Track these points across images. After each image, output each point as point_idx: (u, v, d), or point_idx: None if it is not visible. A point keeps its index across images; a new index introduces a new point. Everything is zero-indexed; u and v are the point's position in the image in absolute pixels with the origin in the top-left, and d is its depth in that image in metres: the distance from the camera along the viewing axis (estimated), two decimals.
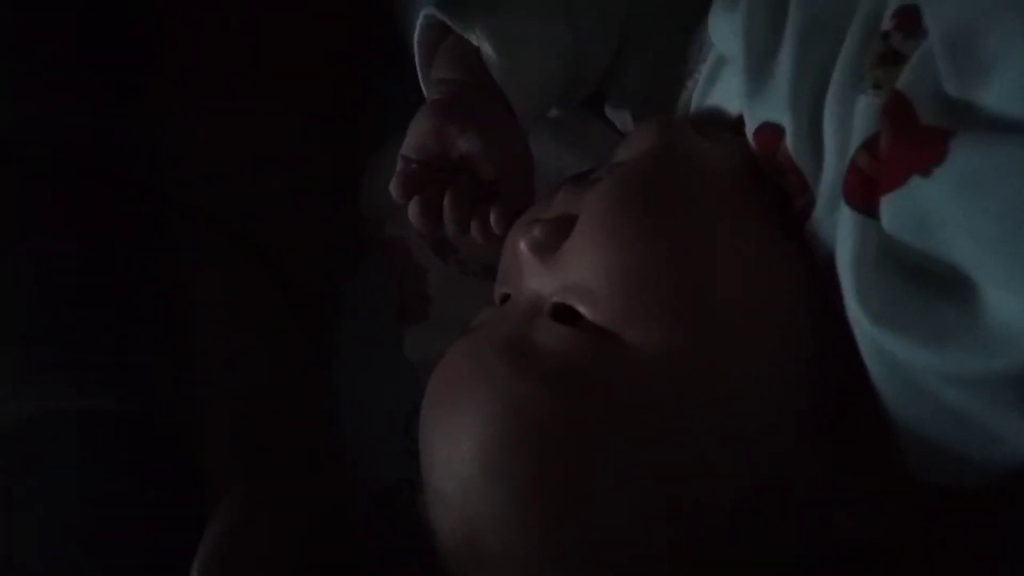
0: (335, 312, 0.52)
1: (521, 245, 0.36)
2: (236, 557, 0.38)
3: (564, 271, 0.34)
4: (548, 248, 0.35)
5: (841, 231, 0.30)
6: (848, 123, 0.30)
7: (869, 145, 0.29)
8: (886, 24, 0.31)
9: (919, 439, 0.29)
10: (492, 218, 0.39)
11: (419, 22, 0.44)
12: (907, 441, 0.30)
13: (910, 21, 0.30)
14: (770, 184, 0.34)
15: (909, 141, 0.28)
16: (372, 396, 0.49)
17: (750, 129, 0.34)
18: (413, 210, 0.40)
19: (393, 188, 0.41)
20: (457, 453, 0.32)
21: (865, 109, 0.30)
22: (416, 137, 0.41)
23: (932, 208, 0.27)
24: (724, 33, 0.37)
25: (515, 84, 0.42)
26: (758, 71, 0.34)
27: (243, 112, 0.49)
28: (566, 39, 0.43)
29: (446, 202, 0.39)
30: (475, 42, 0.41)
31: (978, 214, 0.26)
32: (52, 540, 0.41)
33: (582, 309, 0.33)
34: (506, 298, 0.38)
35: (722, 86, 0.38)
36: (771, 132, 0.33)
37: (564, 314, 0.33)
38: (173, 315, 0.46)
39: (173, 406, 0.44)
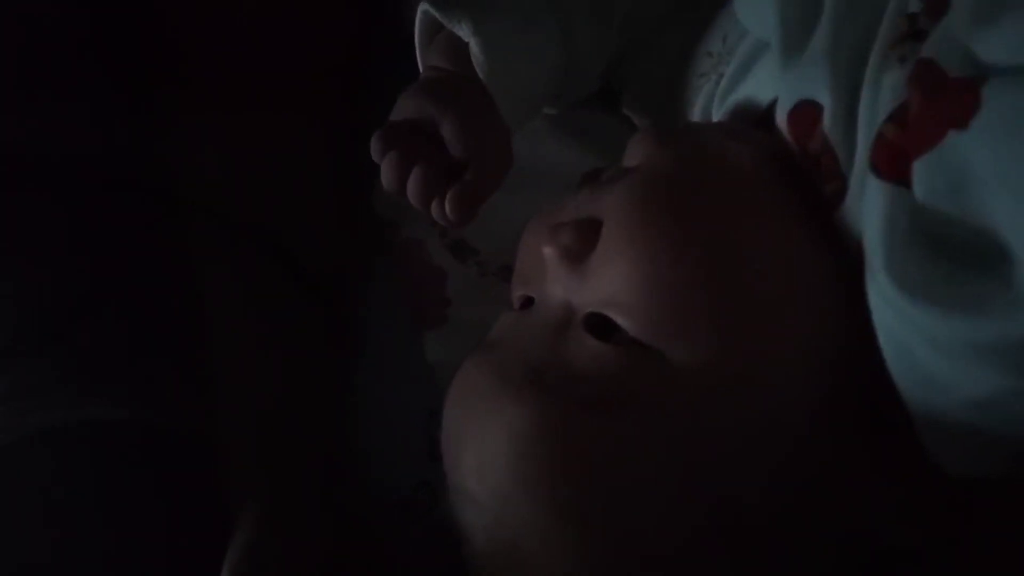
0: (354, 315, 0.52)
1: (547, 250, 0.35)
2: (262, 566, 0.38)
3: (598, 281, 0.33)
4: (578, 255, 0.34)
5: (869, 204, 0.29)
6: (877, 100, 0.30)
7: (895, 116, 0.29)
8: (914, 5, 0.31)
9: (939, 425, 0.29)
10: (448, 197, 0.38)
11: (417, 16, 0.44)
12: (928, 430, 0.30)
13: (936, 2, 0.30)
14: (797, 177, 0.33)
15: (941, 97, 0.28)
16: (391, 399, 0.49)
17: (784, 110, 0.34)
18: (385, 168, 0.40)
19: (373, 144, 0.40)
20: (493, 467, 0.32)
21: (891, 83, 0.30)
22: (400, 112, 0.42)
23: (969, 163, 0.27)
24: (756, 14, 0.37)
25: (501, 83, 0.41)
26: (795, 48, 0.34)
27: (256, 116, 0.49)
28: (556, 39, 0.43)
29: (412, 174, 0.39)
30: (464, 37, 0.41)
31: (1019, 159, 0.26)
32: (71, 552, 0.41)
33: (621, 322, 0.32)
34: (526, 301, 0.37)
35: (755, 76, 0.38)
36: (808, 112, 0.33)
37: (599, 325, 0.33)
38: (191, 323, 0.45)
39: (192, 415, 0.44)
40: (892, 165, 0.29)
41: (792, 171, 0.34)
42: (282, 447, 0.46)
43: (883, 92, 0.30)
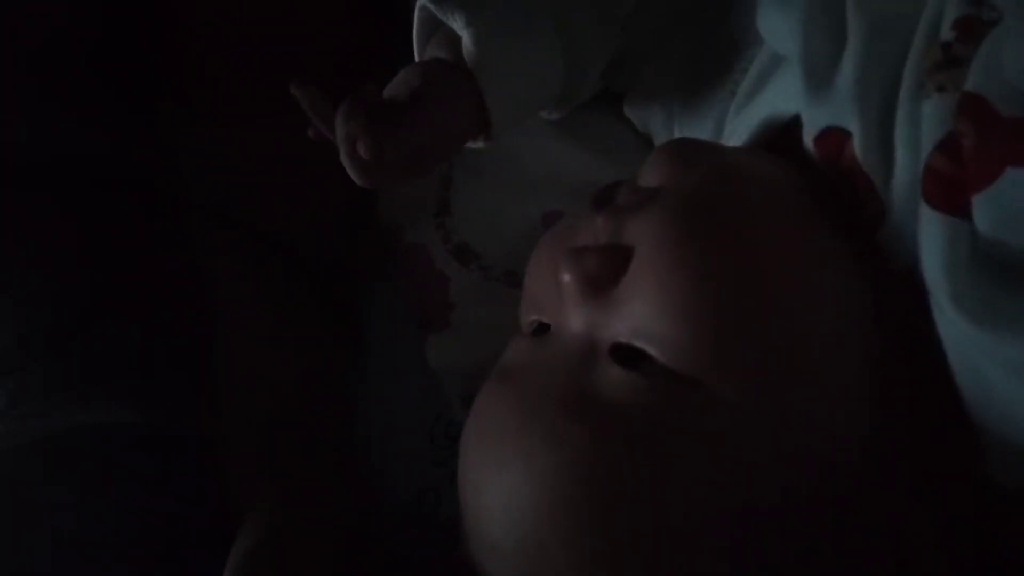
0: (359, 320, 0.52)
1: (567, 277, 0.33)
2: (266, 568, 0.38)
3: (626, 310, 0.31)
4: (604, 283, 0.32)
5: (926, 236, 0.29)
6: (918, 128, 0.30)
7: (944, 147, 0.28)
8: (946, 34, 0.30)
9: (1015, 448, 0.28)
10: (366, 128, 0.36)
11: (415, 14, 0.44)
12: (1001, 454, 0.29)
13: (970, 29, 0.30)
14: (833, 195, 0.33)
15: (997, 135, 0.27)
16: (397, 404, 0.49)
17: (810, 133, 0.33)
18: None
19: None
20: (523, 514, 0.30)
21: (933, 112, 0.29)
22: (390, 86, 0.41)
23: None
24: (779, 32, 0.36)
25: (491, 76, 0.40)
26: (820, 74, 0.33)
27: (263, 121, 0.49)
28: (555, 40, 0.42)
29: (344, 104, 0.37)
30: (457, 30, 0.41)
31: None
32: (79, 554, 0.41)
33: (653, 352, 0.30)
34: (539, 327, 0.36)
35: (774, 89, 0.37)
36: (835, 137, 0.32)
37: (627, 356, 0.31)
38: (198, 328, 0.46)
39: (198, 418, 0.44)
40: (948, 197, 0.28)
41: (825, 192, 0.33)
42: (288, 451, 0.46)
43: (924, 121, 0.29)
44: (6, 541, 0.41)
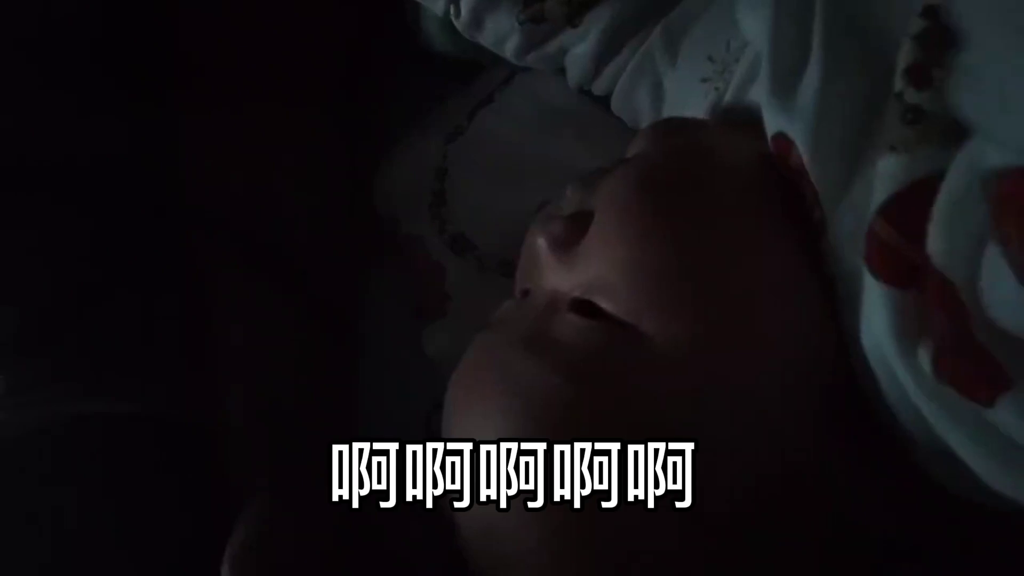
0: (356, 310, 0.53)
1: (539, 241, 0.36)
2: (265, 557, 0.38)
3: (583, 267, 0.34)
4: (567, 244, 0.35)
5: (869, 300, 0.29)
6: (868, 177, 0.30)
7: (886, 212, 0.29)
8: (899, 83, 0.30)
9: (949, 467, 0.29)
10: None
11: None
12: (935, 466, 0.30)
13: (920, 77, 0.29)
14: (788, 190, 0.33)
15: None
16: (393, 394, 0.49)
17: (768, 133, 0.34)
18: None
19: None
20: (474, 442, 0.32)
21: (885, 171, 0.29)
22: None
23: None
24: (753, 31, 0.37)
25: None
26: (783, 83, 0.34)
27: (257, 114, 0.49)
28: None
29: None
30: None
31: None
32: (77, 544, 0.41)
33: (603, 303, 0.32)
34: (526, 293, 0.38)
35: (757, 88, 0.37)
36: (785, 141, 0.33)
37: (583, 309, 0.33)
38: (195, 317, 0.46)
39: (197, 409, 0.44)
40: (891, 269, 0.28)
41: (784, 183, 0.34)
42: (286, 441, 0.47)
43: (876, 177, 0.29)
44: (3, 532, 0.41)
